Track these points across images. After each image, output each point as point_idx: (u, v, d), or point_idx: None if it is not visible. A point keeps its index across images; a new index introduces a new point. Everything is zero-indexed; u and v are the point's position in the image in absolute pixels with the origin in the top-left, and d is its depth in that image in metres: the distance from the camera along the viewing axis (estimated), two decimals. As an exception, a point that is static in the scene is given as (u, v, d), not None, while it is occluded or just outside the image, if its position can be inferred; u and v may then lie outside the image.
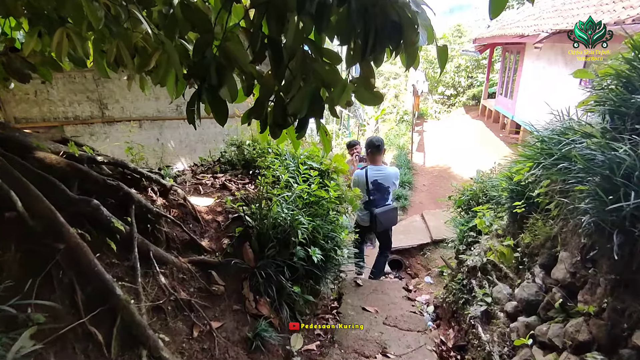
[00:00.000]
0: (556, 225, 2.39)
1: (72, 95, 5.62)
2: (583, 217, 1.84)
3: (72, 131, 5.80)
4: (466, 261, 3.55)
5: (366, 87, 1.73)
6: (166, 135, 6.27)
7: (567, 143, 2.10)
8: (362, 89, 1.74)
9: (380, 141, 3.87)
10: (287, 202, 2.61)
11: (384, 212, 3.71)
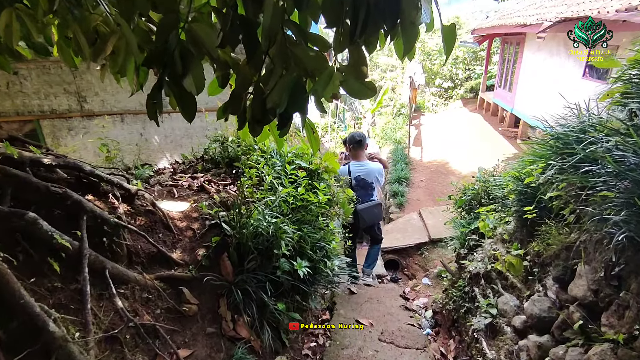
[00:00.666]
0: (573, 234, 2.12)
1: (48, 87, 5.26)
2: (612, 228, 1.57)
3: (49, 126, 5.46)
4: (468, 267, 3.29)
5: (356, 76, 1.44)
6: (150, 130, 5.94)
7: (590, 142, 1.81)
8: (351, 79, 1.44)
9: (362, 136, 3.70)
10: (271, 208, 2.33)
11: (366, 208, 3.59)
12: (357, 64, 1.44)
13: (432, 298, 4.74)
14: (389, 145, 10.79)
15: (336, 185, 3.12)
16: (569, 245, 2.11)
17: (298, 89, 1.58)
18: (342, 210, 3.09)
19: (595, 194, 1.79)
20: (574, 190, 2.08)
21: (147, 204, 2.19)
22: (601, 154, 1.63)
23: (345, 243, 3.03)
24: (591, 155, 1.80)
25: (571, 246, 2.10)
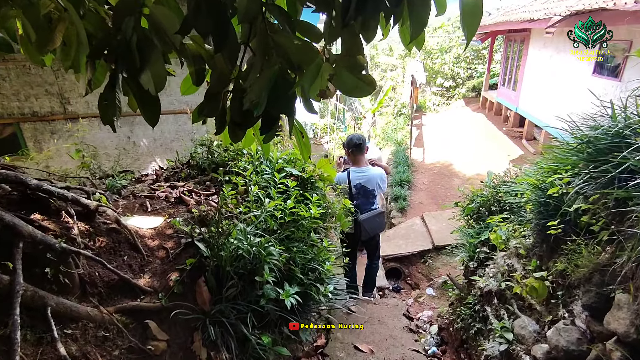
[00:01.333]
0: (607, 254, 1.82)
1: (29, 88, 4.97)
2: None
3: (30, 129, 5.17)
4: (478, 283, 2.98)
5: (350, 68, 1.14)
6: (138, 132, 5.64)
7: (635, 148, 1.51)
8: (344, 72, 1.14)
9: (362, 139, 3.32)
10: (256, 224, 2.03)
11: (369, 218, 3.23)
12: (351, 52, 1.14)
13: (437, 311, 4.44)
14: (390, 147, 10.47)
15: (333, 194, 2.82)
16: (603, 268, 1.80)
17: (281, 86, 1.29)
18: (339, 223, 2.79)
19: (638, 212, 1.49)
20: (608, 204, 1.77)
21: (110, 222, 1.89)
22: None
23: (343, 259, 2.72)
24: (636, 163, 1.49)
25: (606, 269, 1.79)
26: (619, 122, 1.80)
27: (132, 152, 5.76)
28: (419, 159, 9.25)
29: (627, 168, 1.62)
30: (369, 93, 1.13)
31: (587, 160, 1.84)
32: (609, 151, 1.74)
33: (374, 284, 3.67)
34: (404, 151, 9.01)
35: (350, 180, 3.24)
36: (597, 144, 1.82)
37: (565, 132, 2.27)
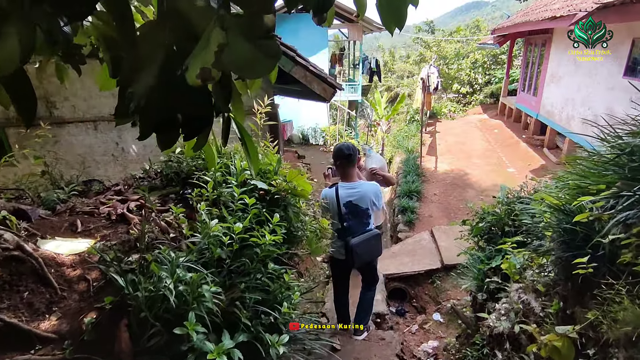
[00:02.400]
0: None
1: (12, 91, 4.74)
2: None
3: (15, 135, 4.94)
4: (488, 320, 2.48)
5: (247, 32, 0.72)
6: (127, 138, 5.35)
7: None
8: (239, 40, 0.72)
9: (352, 149, 2.79)
10: (198, 253, 1.62)
11: (362, 243, 2.69)
12: (251, 7, 0.73)
13: (443, 342, 3.92)
14: (401, 155, 9.96)
15: (310, 211, 2.39)
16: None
17: (168, 70, 0.90)
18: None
19: None
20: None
21: (10, 247, 1.52)
22: None
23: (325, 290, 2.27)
24: None
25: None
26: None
27: (120, 159, 5.49)
28: (431, 167, 8.71)
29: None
30: (268, 70, 0.72)
31: (630, 178, 1.36)
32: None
33: (367, 314, 3.11)
34: (415, 160, 8.49)
35: (338, 198, 2.71)
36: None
37: (596, 139, 1.79)
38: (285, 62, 4.32)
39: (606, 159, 1.48)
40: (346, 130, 14.26)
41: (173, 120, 1.17)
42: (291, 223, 2.09)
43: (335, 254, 2.87)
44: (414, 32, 19.91)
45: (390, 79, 24.38)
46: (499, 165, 8.62)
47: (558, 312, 1.88)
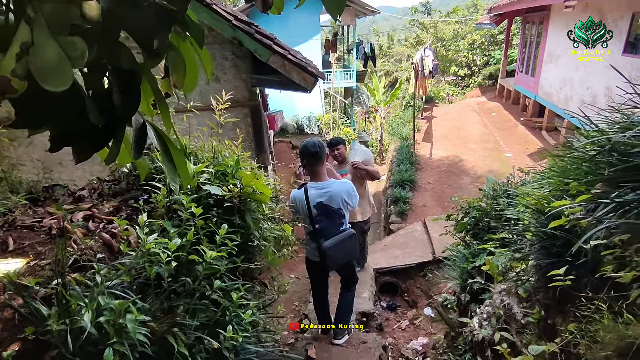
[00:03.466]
0: None
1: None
2: None
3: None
4: (470, 324, 2.33)
5: (55, 26, 0.53)
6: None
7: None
8: (43, 37, 0.53)
9: (318, 146, 2.55)
10: (133, 273, 1.46)
11: (335, 245, 2.53)
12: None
13: (433, 339, 3.79)
14: (395, 142, 9.72)
15: (276, 215, 2.21)
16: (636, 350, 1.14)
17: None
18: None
19: None
20: None
21: None
22: None
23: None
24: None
25: None
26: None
27: (89, 161, 5.32)
28: (426, 154, 8.48)
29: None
30: (68, 80, 0.53)
31: (611, 179, 1.17)
32: None
33: (347, 315, 2.95)
34: (409, 147, 8.26)
35: (308, 199, 2.53)
36: (627, 152, 1.15)
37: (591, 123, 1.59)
38: (262, 51, 4.09)
39: (584, 157, 1.29)
40: (341, 118, 13.98)
41: (69, 134, 1.01)
42: (249, 231, 1.92)
43: (310, 255, 2.74)
44: (411, 13, 19.35)
45: (388, 63, 23.88)
46: (496, 150, 8.39)
47: (539, 320, 1.72)
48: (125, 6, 0.99)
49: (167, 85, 1.33)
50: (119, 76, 1.01)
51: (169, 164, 1.23)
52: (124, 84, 1.01)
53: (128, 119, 1.07)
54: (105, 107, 0.99)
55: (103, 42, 1.04)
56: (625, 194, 1.06)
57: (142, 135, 1.14)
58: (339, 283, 2.95)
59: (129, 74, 1.03)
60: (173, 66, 1.27)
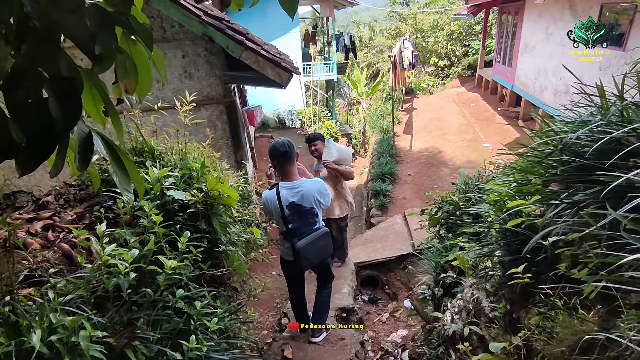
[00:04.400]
0: (595, 322, 1.18)
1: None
2: None
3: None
4: (442, 319, 2.37)
5: None
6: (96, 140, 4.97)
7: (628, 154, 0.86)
8: None
9: (287, 145, 2.54)
10: (90, 286, 1.41)
11: (309, 245, 2.52)
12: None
13: (412, 331, 3.85)
14: (376, 135, 9.75)
15: (246, 218, 2.19)
16: (592, 343, 1.17)
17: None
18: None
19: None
20: (598, 245, 1.13)
21: None
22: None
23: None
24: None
25: (594, 343, 1.16)
26: (611, 116, 1.13)
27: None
28: (406, 147, 8.54)
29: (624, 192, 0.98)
30: None
31: (563, 178, 1.18)
32: (595, 164, 1.09)
33: (324, 316, 2.95)
34: (389, 140, 8.29)
35: (280, 200, 2.50)
36: (578, 152, 1.16)
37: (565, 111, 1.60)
38: (234, 47, 4.00)
39: (539, 156, 1.30)
40: (323, 111, 13.92)
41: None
42: (216, 236, 1.89)
43: (284, 255, 2.72)
44: (389, 4, 19.30)
45: (370, 54, 23.82)
46: (474, 141, 8.51)
47: (505, 315, 1.76)
48: (61, 9, 0.94)
49: (118, 91, 1.28)
50: (56, 85, 0.97)
51: (120, 173, 1.19)
52: (63, 94, 0.97)
53: (69, 130, 1.02)
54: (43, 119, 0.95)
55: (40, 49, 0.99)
56: (576, 194, 1.07)
57: (87, 146, 1.09)
58: (313, 284, 2.95)
59: (68, 82, 0.99)
60: (123, 71, 1.22)
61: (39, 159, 0.99)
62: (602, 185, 0.96)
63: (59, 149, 1.00)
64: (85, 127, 1.09)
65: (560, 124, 1.28)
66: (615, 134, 0.94)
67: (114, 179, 1.18)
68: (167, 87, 4.47)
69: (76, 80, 1.01)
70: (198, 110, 4.54)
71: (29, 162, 0.97)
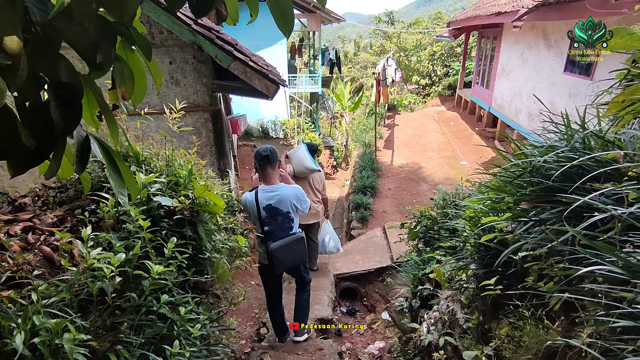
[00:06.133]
0: (558, 331, 1.28)
1: None
2: None
3: None
4: (418, 330, 2.44)
5: None
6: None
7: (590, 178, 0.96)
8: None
9: (270, 150, 2.68)
10: (72, 291, 1.41)
11: (282, 247, 2.60)
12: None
13: (389, 343, 3.91)
14: (359, 149, 9.92)
15: (231, 226, 2.22)
16: (555, 350, 1.26)
17: None
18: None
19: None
20: (562, 259, 1.23)
21: None
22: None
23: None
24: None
25: (557, 350, 1.25)
26: (575, 143, 1.25)
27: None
28: (387, 161, 8.72)
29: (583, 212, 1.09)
30: None
31: (532, 198, 1.29)
32: (560, 186, 1.19)
33: (305, 317, 3.06)
34: (371, 154, 8.46)
35: (258, 202, 2.60)
36: (546, 174, 1.27)
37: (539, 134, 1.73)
38: (223, 57, 4.06)
39: (511, 176, 1.41)
40: (307, 123, 14.05)
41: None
42: (201, 243, 1.91)
43: (261, 259, 2.76)
44: (375, 23, 19.85)
45: (354, 69, 24.31)
46: (452, 158, 8.79)
47: (478, 326, 1.85)
48: (65, 19, 0.98)
49: (114, 97, 1.32)
50: (57, 90, 1.00)
51: (115, 177, 1.22)
52: (64, 98, 1.00)
53: (68, 133, 1.05)
54: (43, 122, 0.98)
55: (41, 54, 1.02)
56: (542, 212, 1.17)
57: (84, 149, 1.12)
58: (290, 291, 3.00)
59: (69, 88, 1.02)
60: (120, 78, 1.26)
61: (35, 161, 1.02)
62: (565, 206, 1.07)
63: (56, 152, 1.03)
64: (83, 131, 1.12)
65: (530, 147, 1.40)
66: (575, 161, 1.05)
67: (110, 183, 1.21)
68: (152, 93, 4.47)
69: (77, 86, 1.04)
70: (183, 117, 4.55)
71: (25, 164, 0.99)
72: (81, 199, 2.54)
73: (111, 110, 1.27)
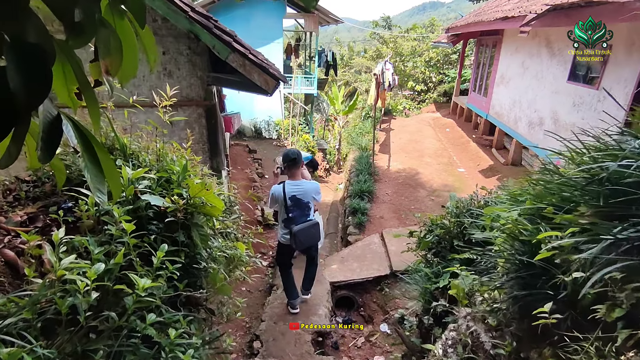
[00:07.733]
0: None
1: None
2: None
3: None
4: (432, 351, 2.21)
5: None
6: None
7: None
8: None
9: (297, 154, 3.42)
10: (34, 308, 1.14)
11: (302, 230, 3.37)
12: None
13: (390, 358, 3.67)
14: (354, 152, 9.71)
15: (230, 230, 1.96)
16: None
17: None
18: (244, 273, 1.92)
19: None
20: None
21: None
22: None
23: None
24: None
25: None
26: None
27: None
28: (383, 166, 8.52)
29: None
30: None
31: (604, 214, 1.07)
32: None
33: (312, 281, 3.95)
34: (368, 158, 8.25)
35: (285, 193, 3.31)
36: (620, 183, 1.05)
37: (551, 150, 1.52)
38: (221, 48, 3.80)
39: (574, 183, 1.19)
40: (301, 124, 13.80)
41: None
42: (196, 250, 1.65)
43: (282, 240, 3.50)
44: (372, 27, 19.78)
45: (348, 73, 24.21)
46: (449, 165, 8.65)
47: (511, 354, 1.62)
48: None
49: (97, 71, 1.06)
50: (18, 51, 0.75)
51: (93, 169, 0.96)
52: (28, 63, 0.75)
53: (32, 109, 0.81)
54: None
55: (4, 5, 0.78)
56: (625, 229, 0.95)
57: (54, 132, 0.87)
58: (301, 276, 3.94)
59: (35, 49, 0.77)
60: (105, 47, 1.00)
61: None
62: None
63: (15, 133, 0.79)
64: (54, 109, 0.87)
65: (595, 152, 1.19)
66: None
67: (86, 176, 0.95)
68: (143, 84, 4.18)
69: (47, 49, 0.79)
70: (175, 112, 4.27)
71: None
72: (58, 195, 2.26)
73: (93, 87, 1.02)
